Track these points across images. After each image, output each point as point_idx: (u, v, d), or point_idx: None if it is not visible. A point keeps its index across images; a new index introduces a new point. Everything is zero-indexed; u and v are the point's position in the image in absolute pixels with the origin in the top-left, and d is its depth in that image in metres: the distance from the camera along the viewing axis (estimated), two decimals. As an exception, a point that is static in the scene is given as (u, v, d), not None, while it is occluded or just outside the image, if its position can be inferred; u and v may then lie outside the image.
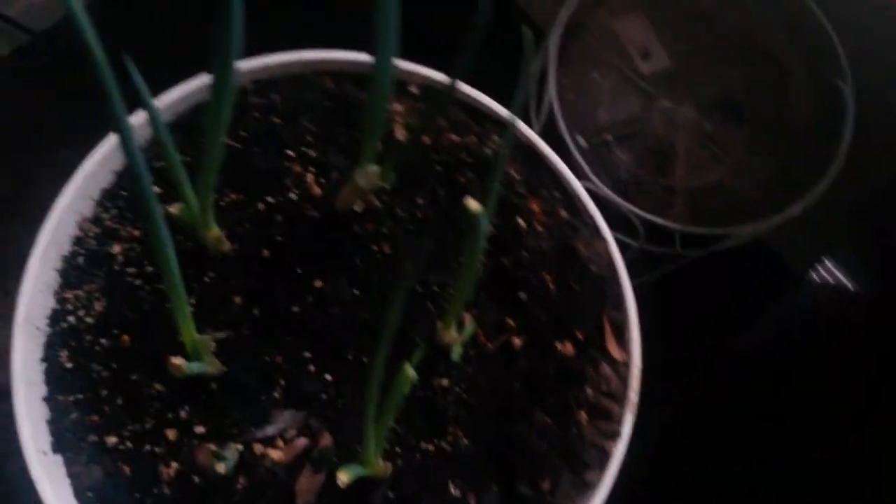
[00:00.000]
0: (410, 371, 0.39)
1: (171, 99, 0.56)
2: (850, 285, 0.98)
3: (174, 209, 0.47)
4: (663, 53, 1.07)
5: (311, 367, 0.52)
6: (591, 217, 0.55)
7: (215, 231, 0.50)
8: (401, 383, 0.50)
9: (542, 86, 0.99)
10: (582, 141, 0.89)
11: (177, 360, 0.40)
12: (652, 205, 0.97)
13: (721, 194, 1.01)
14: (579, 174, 0.89)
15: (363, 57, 0.58)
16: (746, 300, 1.27)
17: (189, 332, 0.45)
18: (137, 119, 0.54)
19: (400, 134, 0.56)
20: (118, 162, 0.55)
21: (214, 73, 0.37)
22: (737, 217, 0.97)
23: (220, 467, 0.40)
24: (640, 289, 0.56)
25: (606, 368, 0.53)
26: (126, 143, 0.32)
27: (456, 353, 0.50)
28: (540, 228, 0.56)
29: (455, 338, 0.50)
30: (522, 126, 0.57)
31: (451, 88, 0.42)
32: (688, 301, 1.27)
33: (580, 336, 0.53)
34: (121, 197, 0.55)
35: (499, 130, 0.60)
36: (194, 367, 0.43)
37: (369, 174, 0.47)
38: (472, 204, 0.33)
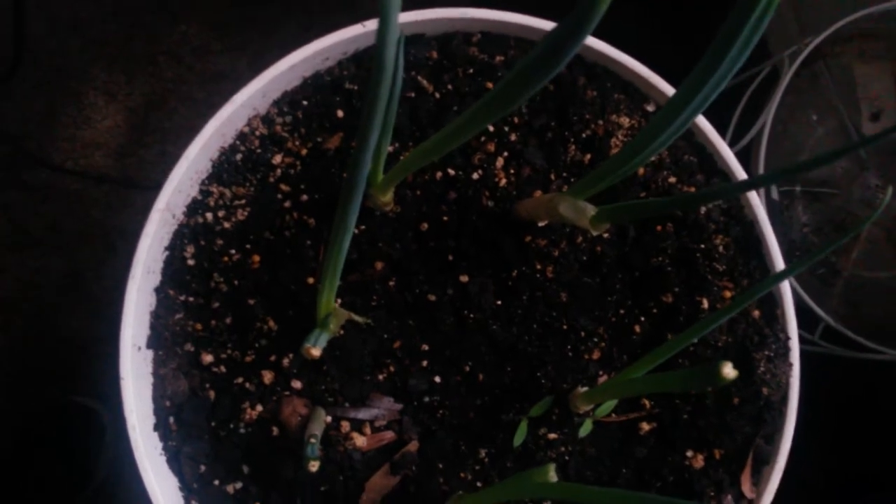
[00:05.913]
0: (551, 471, 0.33)
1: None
2: None
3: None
4: (896, 120, 0.93)
5: (424, 363, 0.48)
6: (787, 334, 0.47)
7: (389, 195, 0.44)
8: (515, 436, 0.45)
9: (752, 106, 0.88)
10: (774, 191, 0.79)
11: (314, 351, 0.35)
12: (812, 280, 0.87)
13: (888, 300, 0.91)
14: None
15: (629, 61, 0.49)
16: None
17: (329, 301, 0.41)
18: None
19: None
20: (311, 67, 0.49)
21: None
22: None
23: (313, 465, 0.37)
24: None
25: (730, 500, 0.47)
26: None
27: (585, 429, 0.45)
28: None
29: (587, 410, 0.45)
30: (754, 200, 0.49)
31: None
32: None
33: (717, 455, 0.47)
34: (300, 106, 0.49)
35: (722, 182, 0.51)
36: (321, 342, 0.39)
37: (580, 211, 0.40)
38: (728, 371, 0.27)
